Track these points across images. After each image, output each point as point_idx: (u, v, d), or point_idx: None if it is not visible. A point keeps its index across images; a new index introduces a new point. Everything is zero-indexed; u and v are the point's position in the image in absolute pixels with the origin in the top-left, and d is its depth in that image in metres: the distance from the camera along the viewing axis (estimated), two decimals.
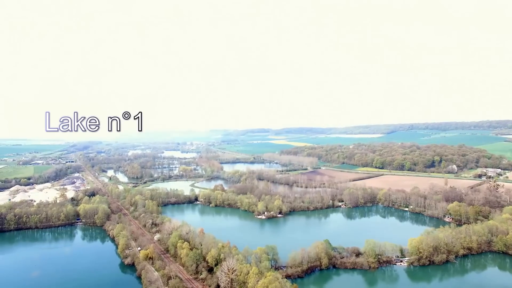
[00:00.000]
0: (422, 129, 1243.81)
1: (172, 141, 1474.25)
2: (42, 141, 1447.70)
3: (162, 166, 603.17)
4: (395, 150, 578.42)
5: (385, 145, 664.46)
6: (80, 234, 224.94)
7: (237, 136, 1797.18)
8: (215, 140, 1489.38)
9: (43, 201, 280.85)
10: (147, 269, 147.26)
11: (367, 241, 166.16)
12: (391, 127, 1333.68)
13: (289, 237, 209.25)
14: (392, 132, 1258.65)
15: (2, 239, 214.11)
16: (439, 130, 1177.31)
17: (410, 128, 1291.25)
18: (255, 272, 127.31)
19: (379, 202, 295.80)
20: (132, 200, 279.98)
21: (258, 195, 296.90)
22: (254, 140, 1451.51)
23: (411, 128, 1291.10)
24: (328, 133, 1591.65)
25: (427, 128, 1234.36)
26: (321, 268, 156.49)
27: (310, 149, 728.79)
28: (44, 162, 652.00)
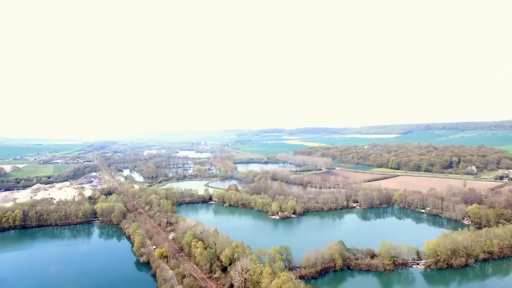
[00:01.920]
0: (439, 129, 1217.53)
1: (186, 141, 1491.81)
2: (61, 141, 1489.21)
3: (176, 166, 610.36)
4: (411, 150, 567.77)
5: (400, 146, 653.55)
6: (97, 232, 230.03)
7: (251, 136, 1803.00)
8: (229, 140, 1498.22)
9: (62, 199, 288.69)
10: (162, 268, 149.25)
11: (382, 243, 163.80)
12: (407, 127, 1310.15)
13: (303, 237, 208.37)
14: (408, 132, 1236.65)
15: (25, 235, 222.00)
16: (457, 130, 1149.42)
17: (427, 128, 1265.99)
18: (269, 272, 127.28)
19: (395, 203, 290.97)
20: (147, 199, 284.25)
21: (272, 195, 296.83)
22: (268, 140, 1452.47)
23: (427, 128, 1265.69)
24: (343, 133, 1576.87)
25: (445, 128, 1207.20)
26: (335, 269, 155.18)
27: (324, 149, 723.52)
28: (63, 162, 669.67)
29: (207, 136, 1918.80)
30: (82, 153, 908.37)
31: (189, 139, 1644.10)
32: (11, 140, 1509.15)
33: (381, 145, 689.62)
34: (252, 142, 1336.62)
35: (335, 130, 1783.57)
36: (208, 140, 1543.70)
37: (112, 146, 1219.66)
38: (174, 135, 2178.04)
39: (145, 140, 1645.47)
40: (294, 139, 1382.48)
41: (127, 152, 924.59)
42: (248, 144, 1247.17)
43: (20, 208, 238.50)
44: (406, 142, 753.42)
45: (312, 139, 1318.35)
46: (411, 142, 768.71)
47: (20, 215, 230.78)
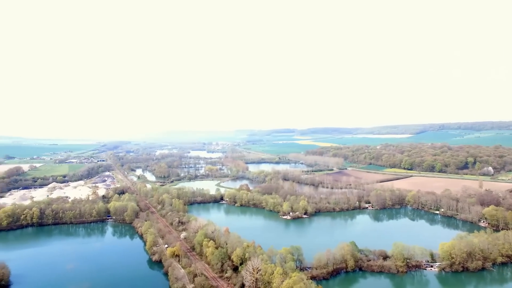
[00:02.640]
0: (454, 129, 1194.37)
1: (198, 141, 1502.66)
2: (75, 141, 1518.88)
3: (188, 165, 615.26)
4: (425, 150, 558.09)
5: (414, 146, 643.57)
6: (111, 230, 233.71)
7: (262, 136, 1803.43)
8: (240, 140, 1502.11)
9: (77, 198, 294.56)
10: (173, 266, 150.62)
11: (395, 244, 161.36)
12: (421, 127, 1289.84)
13: (314, 238, 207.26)
14: (422, 132, 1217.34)
15: (42, 232, 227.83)
16: (473, 130, 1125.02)
17: (441, 128, 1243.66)
18: (280, 272, 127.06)
19: (408, 204, 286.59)
20: (159, 199, 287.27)
21: (283, 195, 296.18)
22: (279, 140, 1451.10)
23: (442, 128, 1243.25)
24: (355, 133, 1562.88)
25: (460, 128, 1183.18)
26: (346, 270, 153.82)
27: (336, 149, 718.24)
28: (78, 161, 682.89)
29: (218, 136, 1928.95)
30: (96, 153, 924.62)
31: (200, 139, 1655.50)
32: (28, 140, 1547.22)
33: (394, 145, 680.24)
34: (264, 142, 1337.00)
35: (347, 130, 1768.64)
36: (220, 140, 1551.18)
37: (125, 146, 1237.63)
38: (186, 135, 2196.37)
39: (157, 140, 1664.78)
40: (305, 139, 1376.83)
41: (139, 152, 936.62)
42: (259, 144, 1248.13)
43: (37, 206, 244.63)
44: (420, 142, 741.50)
45: (324, 139, 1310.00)
46: (425, 142, 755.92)
47: (37, 213, 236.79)
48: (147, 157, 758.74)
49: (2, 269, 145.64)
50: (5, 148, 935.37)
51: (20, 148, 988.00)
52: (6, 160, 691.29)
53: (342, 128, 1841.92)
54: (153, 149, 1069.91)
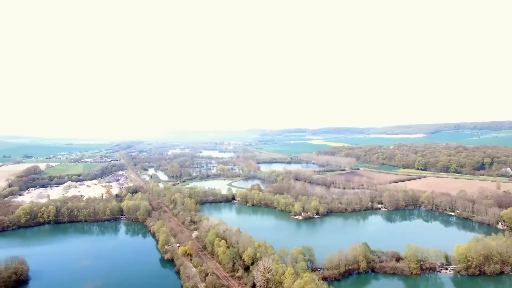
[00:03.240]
0: (470, 128, 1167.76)
1: (210, 141, 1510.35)
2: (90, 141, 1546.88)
3: (200, 165, 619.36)
4: (439, 151, 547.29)
5: (428, 146, 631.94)
6: (124, 229, 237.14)
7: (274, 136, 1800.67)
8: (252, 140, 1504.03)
9: (91, 196, 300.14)
10: (185, 265, 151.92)
11: (408, 246, 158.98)
12: (435, 127, 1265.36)
13: (326, 238, 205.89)
14: (436, 132, 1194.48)
15: (58, 230, 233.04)
16: (489, 129, 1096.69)
17: (456, 128, 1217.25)
18: (291, 273, 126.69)
19: (422, 205, 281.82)
20: (171, 198, 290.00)
21: (294, 195, 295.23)
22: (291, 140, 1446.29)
23: (457, 128, 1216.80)
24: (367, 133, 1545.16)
25: (476, 128, 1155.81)
26: (359, 271, 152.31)
27: (348, 149, 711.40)
28: (92, 160, 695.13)
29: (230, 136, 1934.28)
30: (109, 153, 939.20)
31: (212, 139, 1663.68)
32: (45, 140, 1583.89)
33: (407, 145, 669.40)
34: (275, 142, 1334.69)
35: (359, 130, 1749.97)
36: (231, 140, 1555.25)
37: (137, 145, 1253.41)
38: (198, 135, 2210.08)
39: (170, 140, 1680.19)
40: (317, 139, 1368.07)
41: (152, 152, 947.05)
42: (271, 144, 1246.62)
43: (53, 204, 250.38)
44: (434, 142, 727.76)
45: (336, 139, 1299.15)
46: (439, 142, 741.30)
47: (54, 211, 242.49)
48: (160, 156, 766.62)
49: (22, 264, 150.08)
50: (24, 148, 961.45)
51: (38, 148, 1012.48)
52: (25, 159, 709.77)
53: (354, 128, 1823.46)
54: (166, 149, 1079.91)
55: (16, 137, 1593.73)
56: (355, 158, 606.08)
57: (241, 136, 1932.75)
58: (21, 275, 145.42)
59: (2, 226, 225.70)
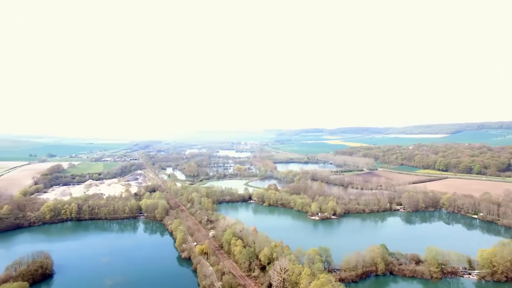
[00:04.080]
0: (494, 128, 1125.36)
1: (227, 141, 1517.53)
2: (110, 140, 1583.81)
3: (217, 165, 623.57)
4: (461, 151, 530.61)
5: (449, 146, 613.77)
6: (142, 227, 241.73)
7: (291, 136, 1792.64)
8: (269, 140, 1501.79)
9: (111, 195, 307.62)
10: (202, 264, 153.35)
11: (428, 248, 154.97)
12: (457, 127, 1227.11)
13: (343, 239, 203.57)
14: (458, 132, 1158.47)
15: (80, 227, 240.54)
16: None
17: (480, 128, 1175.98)
18: (308, 273, 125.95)
19: (443, 207, 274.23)
20: (189, 197, 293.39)
21: (311, 195, 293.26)
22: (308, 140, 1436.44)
23: (480, 128, 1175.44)
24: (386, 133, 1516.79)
25: (501, 128, 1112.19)
26: (377, 273, 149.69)
27: (366, 149, 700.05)
28: (112, 160, 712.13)
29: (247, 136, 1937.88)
30: (128, 152, 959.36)
31: (229, 139, 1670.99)
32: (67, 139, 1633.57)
33: (427, 146, 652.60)
34: (292, 142, 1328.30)
35: (377, 129, 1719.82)
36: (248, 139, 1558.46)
37: (156, 145, 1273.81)
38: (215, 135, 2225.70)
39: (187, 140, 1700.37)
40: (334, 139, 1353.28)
41: (170, 151, 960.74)
42: (288, 144, 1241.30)
43: (75, 202, 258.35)
44: (456, 143, 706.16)
45: (353, 139, 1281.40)
46: (461, 142, 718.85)
47: (76, 208, 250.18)
48: (177, 156, 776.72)
49: (47, 259, 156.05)
50: (48, 147, 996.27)
51: (61, 147, 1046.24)
52: (49, 158, 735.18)
53: (373, 127, 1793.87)
54: (183, 149, 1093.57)
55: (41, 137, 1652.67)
56: (373, 159, 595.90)
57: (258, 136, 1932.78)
58: (46, 269, 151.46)
59: (29, 222, 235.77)
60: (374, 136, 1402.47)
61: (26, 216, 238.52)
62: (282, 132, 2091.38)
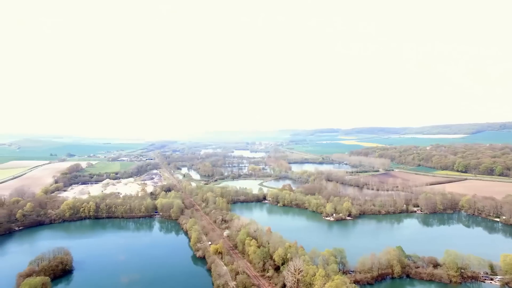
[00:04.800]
0: None
1: (241, 141, 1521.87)
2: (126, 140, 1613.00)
3: (232, 165, 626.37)
4: (482, 152, 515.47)
5: (469, 147, 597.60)
6: (158, 226, 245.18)
7: (306, 136, 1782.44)
8: (283, 140, 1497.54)
9: (127, 194, 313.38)
10: (216, 263, 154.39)
11: (447, 252, 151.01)
12: (477, 127, 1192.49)
13: (358, 241, 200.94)
14: (478, 132, 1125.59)
15: (97, 225, 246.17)
16: None
17: (502, 128, 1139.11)
18: (322, 275, 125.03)
19: (462, 210, 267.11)
20: (203, 197, 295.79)
21: (326, 196, 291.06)
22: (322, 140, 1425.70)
23: (502, 128, 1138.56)
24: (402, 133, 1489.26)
25: None
26: (392, 276, 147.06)
27: (382, 150, 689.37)
28: (128, 159, 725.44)
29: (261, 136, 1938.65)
30: (144, 152, 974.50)
31: (244, 139, 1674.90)
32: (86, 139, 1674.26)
33: (446, 146, 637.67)
34: (307, 142, 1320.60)
35: (393, 129, 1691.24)
36: (263, 140, 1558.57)
37: (171, 145, 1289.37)
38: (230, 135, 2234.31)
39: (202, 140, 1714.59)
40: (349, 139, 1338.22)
41: (185, 151, 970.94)
42: (302, 144, 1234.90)
43: (93, 201, 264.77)
44: (476, 143, 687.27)
45: (369, 139, 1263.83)
46: (482, 143, 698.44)
47: (94, 207, 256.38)
48: (192, 156, 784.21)
49: (67, 255, 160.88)
50: (67, 147, 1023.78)
51: (79, 147, 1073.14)
52: (68, 157, 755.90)
53: (389, 127, 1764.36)
54: (198, 149, 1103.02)
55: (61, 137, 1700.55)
56: (389, 159, 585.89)
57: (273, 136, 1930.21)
58: (66, 265, 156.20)
59: (50, 219, 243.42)
60: (390, 137, 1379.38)
61: (47, 213, 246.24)
62: (297, 132, 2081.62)
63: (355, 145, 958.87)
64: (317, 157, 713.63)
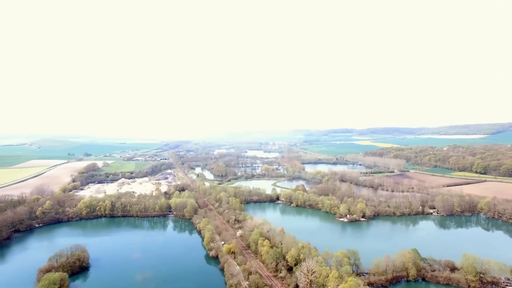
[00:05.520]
0: None
1: (255, 141, 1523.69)
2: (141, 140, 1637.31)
3: (245, 165, 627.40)
4: (503, 153, 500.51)
5: (488, 148, 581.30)
6: (172, 225, 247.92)
7: (319, 136, 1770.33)
8: (297, 140, 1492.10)
9: (142, 193, 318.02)
10: (229, 263, 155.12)
11: (465, 255, 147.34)
12: (497, 127, 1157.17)
13: (372, 242, 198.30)
14: (499, 132, 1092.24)
15: (113, 223, 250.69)
16: None
17: None
18: (335, 276, 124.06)
19: (481, 212, 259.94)
20: (217, 197, 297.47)
21: (340, 197, 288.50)
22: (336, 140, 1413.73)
23: None
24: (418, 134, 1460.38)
25: None
26: (408, 279, 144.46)
27: (397, 150, 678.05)
28: (143, 159, 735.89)
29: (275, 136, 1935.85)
30: (159, 152, 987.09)
31: (257, 139, 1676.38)
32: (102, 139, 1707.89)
33: (464, 147, 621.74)
34: (320, 142, 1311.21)
35: (409, 130, 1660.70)
36: (276, 140, 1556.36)
37: (185, 145, 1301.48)
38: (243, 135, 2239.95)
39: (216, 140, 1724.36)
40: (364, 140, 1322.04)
41: (199, 151, 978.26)
42: (316, 144, 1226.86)
43: (109, 199, 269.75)
44: (496, 144, 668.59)
45: (384, 140, 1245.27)
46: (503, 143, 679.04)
47: (109, 206, 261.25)
48: (206, 156, 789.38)
49: (83, 252, 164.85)
50: (84, 147, 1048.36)
51: (96, 147, 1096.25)
52: (85, 157, 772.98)
53: (404, 128, 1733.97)
54: (212, 149, 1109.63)
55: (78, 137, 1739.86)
56: (404, 160, 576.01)
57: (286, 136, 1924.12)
58: (83, 262, 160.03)
59: (67, 217, 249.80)
60: (405, 137, 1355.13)
61: (65, 211, 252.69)
62: (311, 132, 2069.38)
63: (369, 146, 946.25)
64: (331, 158, 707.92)
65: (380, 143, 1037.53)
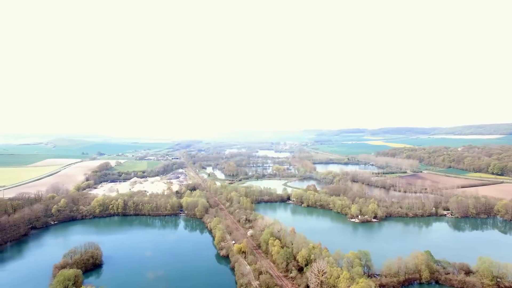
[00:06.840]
0: None
1: (266, 141, 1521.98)
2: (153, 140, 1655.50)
3: (256, 164, 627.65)
4: None
5: (505, 148, 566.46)
6: (183, 224, 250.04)
7: (331, 136, 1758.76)
8: (308, 140, 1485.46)
9: (154, 192, 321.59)
10: (240, 262, 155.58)
11: (480, 259, 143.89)
12: None
13: (384, 243, 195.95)
14: None
15: (125, 222, 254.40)
16: None
17: None
18: (346, 277, 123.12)
19: (498, 215, 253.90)
20: (228, 196, 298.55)
21: (351, 197, 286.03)
22: (348, 140, 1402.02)
23: None
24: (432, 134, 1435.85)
25: None
26: (420, 281, 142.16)
27: (410, 150, 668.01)
28: (155, 158, 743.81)
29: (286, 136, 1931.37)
30: (170, 151, 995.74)
31: (268, 139, 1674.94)
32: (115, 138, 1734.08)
33: (479, 147, 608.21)
34: (332, 142, 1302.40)
35: (422, 130, 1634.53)
36: (287, 140, 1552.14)
37: (196, 145, 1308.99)
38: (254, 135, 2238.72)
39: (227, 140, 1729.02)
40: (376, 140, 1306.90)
41: (210, 151, 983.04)
42: (327, 144, 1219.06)
43: (121, 198, 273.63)
44: None
45: (396, 140, 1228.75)
46: None
47: (122, 204, 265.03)
48: (217, 155, 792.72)
49: (97, 250, 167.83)
50: (98, 146, 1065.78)
51: (109, 146, 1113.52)
52: (99, 156, 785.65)
53: (417, 128, 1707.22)
54: (223, 148, 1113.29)
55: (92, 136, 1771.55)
56: (417, 160, 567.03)
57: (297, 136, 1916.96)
58: (96, 259, 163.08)
59: (81, 215, 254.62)
60: (419, 137, 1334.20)
61: (79, 209, 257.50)
62: (322, 132, 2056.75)
63: (381, 146, 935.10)
64: (342, 158, 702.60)
65: (393, 143, 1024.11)
